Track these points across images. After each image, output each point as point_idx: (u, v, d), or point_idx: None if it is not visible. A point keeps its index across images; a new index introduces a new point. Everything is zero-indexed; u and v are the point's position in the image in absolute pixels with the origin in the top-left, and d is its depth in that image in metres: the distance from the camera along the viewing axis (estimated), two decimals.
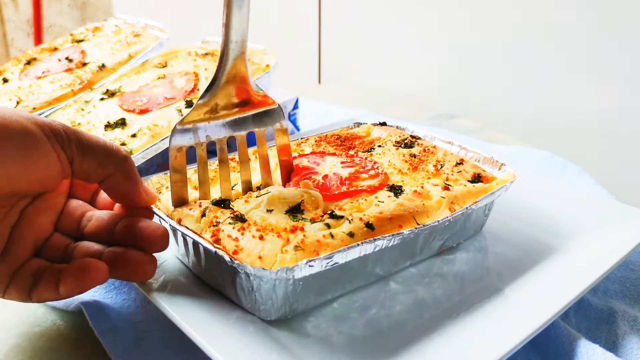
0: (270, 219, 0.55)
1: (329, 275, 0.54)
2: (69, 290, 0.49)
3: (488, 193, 0.62)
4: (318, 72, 1.97)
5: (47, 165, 0.48)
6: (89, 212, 0.55)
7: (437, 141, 0.74)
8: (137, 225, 0.53)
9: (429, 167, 0.67)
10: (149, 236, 0.52)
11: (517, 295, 0.58)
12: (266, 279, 0.49)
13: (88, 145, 0.51)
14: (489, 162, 0.69)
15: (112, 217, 0.54)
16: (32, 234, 0.52)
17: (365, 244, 0.52)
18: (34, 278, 0.50)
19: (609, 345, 0.57)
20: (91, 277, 0.49)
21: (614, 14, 1.36)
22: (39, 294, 0.50)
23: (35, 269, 0.50)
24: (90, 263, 0.49)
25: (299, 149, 0.71)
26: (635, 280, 0.64)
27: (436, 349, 0.50)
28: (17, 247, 0.51)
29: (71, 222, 0.55)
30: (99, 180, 0.53)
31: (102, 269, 0.49)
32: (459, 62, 1.65)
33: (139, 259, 0.52)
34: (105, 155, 0.52)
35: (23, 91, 0.89)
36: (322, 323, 0.54)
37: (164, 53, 0.97)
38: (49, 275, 0.50)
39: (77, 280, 0.49)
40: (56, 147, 0.49)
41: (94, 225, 0.54)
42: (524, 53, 1.52)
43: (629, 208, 0.69)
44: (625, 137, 1.43)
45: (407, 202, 0.58)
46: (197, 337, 0.47)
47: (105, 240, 0.53)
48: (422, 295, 0.58)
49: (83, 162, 0.51)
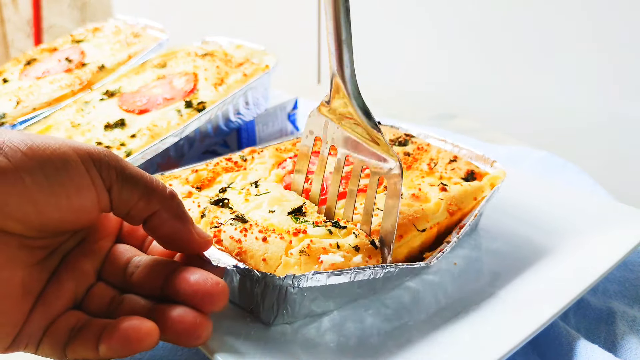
0: (272, 219, 0.54)
1: (335, 287, 0.52)
2: (111, 352, 0.42)
3: (483, 201, 0.62)
4: (318, 73, 1.97)
5: (79, 191, 0.42)
6: (136, 257, 0.48)
7: (431, 139, 0.74)
8: (192, 279, 0.44)
9: (423, 166, 0.67)
10: (207, 293, 0.44)
11: (516, 295, 0.58)
12: (272, 284, 0.49)
13: (130, 174, 0.45)
14: (481, 159, 0.69)
15: (163, 265, 0.47)
16: (72, 281, 0.45)
17: (376, 269, 0.51)
18: (71, 333, 0.43)
19: (608, 346, 0.57)
20: (140, 341, 0.41)
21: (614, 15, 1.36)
22: (75, 351, 0.43)
23: (74, 323, 0.44)
24: (140, 325, 0.42)
25: (295, 149, 0.71)
26: (634, 281, 0.65)
27: (436, 349, 0.50)
28: (55, 295, 0.44)
29: (117, 268, 0.48)
30: (142, 217, 0.46)
31: (154, 333, 0.42)
32: (459, 62, 1.65)
33: (193, 321, 0.43)
34: (149, 188, 0.45)
35: (23, 91, 0.89)
36: (323, 327, 0.53)
37: (164, 53, 0.97)
38: (89, 331, 0.43)
39: (123, 342, 0.41)
40: (91, 171, 0.43)
41: (142, 273, 0.47)
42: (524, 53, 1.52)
43: (628, 208, 0.69)
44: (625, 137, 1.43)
45: (406, 208, 0.58)
46: None
47: (155, 292, 0.46)
48: (419, 295, 0.58)
49: (123, 191, 0.44)
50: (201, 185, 0.62)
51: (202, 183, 0.62)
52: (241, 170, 0.65)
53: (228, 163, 0.66)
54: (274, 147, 0.70)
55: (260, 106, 0.89)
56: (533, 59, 1.52)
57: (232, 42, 0.97)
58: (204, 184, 0.62)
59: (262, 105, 0.89)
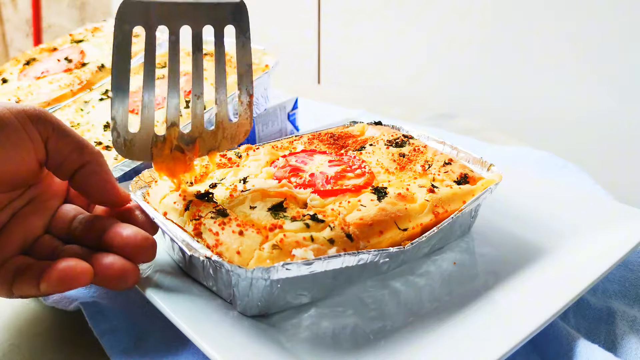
0: (252, 215, 0.55)
1: (308, 279, 0.53)
2: (49, 287, 0.48)
3: (472, 198, 0.62)
4: (317, 73, 1.98)
5: (16, 145, 0.48)
6: (80, 215, 0.55)
7: (430, 141, 0.74)
8: (124, 233, 0.52)
9: (417, 167, 0.67)
10: (136, 246, 0.51)
11: (516, 295, 0.57)
12: (243, 276, 0.50)
13: (64, 129, 0.51)
14: (479, 162, 0.69)
15: (102, 220, 0.54)
16: (21, 232, 0.52)
17: (348, 256, 0.51)
18: (16, 273, 0.50)
19: (608, 345, 0.57)
20: (75, 279, 0.48)
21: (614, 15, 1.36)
22: (19, 289, 0.49)
23: (19, 264, 0.50)
24: (76, 265, 0.48)
25: (291, 147, 0.71)
26: (634, 280, 0.65)
27: (436, 349, 0.50)
28: (4, 244, 0.51)
29: (62, 224, 0.55)
30: (73, 169, 0.52)
31: (87, 272, 0.49)
32: (459, 62, 1.65)
33: (121, 267, 0.50)
34: (81, 142, 0.52)
35: (22, 91, 0.89)
36: (311, 322, 0.54)
37: (163, 53, 0.97)
38: (32, 271, 0.49)
39: (60, 280, 0.48)
40: (27, 126, 0.49)
41: (83, 227, 0.54)
42: (525, 53, 1.53)
43: (628, 208, 0.69)
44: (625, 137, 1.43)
45: (390, 206, 0.58)
46: (196, 337, 0.47)
47: (94, 244, 0.53)
48: (411, 296, 0.58)
49: (58, 143, 0.51)
50: (193, 181, 0.62)
51: (194, 179, 0.62)
52: (234, 167, 0.65)
53: (222, 159, 0.66)
54: (270, 145, 0.71)
55: (260, 106, 0.89)
56: (533, 59, 1.52)
57: (231, 42, 0.97)
58: (196, 179, 0.63)
59: (262, 105, 0.90)
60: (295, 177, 0.62)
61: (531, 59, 1.52)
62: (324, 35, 1.92)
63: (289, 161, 0.66)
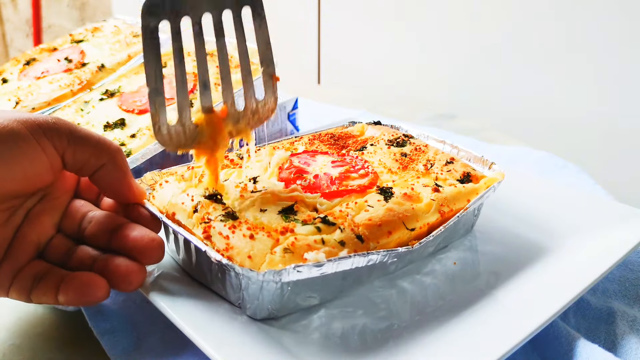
0: (262, 218, 0.55)
1: (318, 281, 0.53)
2: (67, 301, 0.49)
3: (476, 197, 0.62)
4: (317, 73, 1.98)
5: (32, 161, 0.49)
6: (90, 212, 0.55)
7: (430, 140, 0.74)
8: (132, 235, 0.52)
9: (419, 167, 0.67)
10: (143, 247, 0.52)
11: (516, 294, 0.58)
12: (254, 280, 0.50)
13: (80, 137, 0.51)
14: (480, 161, 0.69)
15: (111, 220, 0.54)
16: (34, 235, 0.52)
17: (357, 257, 0.51)
18: (35, 280, 0.50)
19: (608, 345, 0.57)
20: (92, 294, 0.49)
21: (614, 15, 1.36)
22: (38, 297, 0.50)
23: (36, 271, 0.51)
24: (92, 279, 0.49)
25: (292, 148, 0.71)
26: (634, 280, 0.65)
27: (435, 349, 0.50)
28: (20, 248, 0.51)
29: (73, 223, 0.55)
30: (91, 171, 0.53)
31: (103, 286, 0.49)
32: (459, 62, 1.65)
33: (127, 268, 0.51)
34: (98, 146, 0.52)
35: (22, 91, 0.89)
36: (321, 324, 0.54)
37: (163, 53, 0.97)
38: (50, 280, 0.50)
39: (78, 294, 0.49)
40: (42, 141, 0.49)
41: (93, 228, 0.54)
42: (525, 54, 1.53)
43: (628, 208, 0.69)
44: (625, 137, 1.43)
45: (397, 206, 0.58)
46: (197, 336, 0.47)
47: (104, 244, 0.53)
48: (417, 295, 0.58)
49: (76, 153, 0.51)
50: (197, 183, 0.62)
51: (198, 180, 0.62)
52: (237, 168, 0.65)
53: (224, 161, 0.66)
54: (271, 146, 0.71)
55: None
56: (533, 59, 1.52)
57: (231, 42, 0.97)
58: (199, 180, 0.62)
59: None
60: (300, 179, 0.62)
61: (531, 59, 1.52)
62: (324, 35, 1.92)
63: (292, 162, 0.66)
